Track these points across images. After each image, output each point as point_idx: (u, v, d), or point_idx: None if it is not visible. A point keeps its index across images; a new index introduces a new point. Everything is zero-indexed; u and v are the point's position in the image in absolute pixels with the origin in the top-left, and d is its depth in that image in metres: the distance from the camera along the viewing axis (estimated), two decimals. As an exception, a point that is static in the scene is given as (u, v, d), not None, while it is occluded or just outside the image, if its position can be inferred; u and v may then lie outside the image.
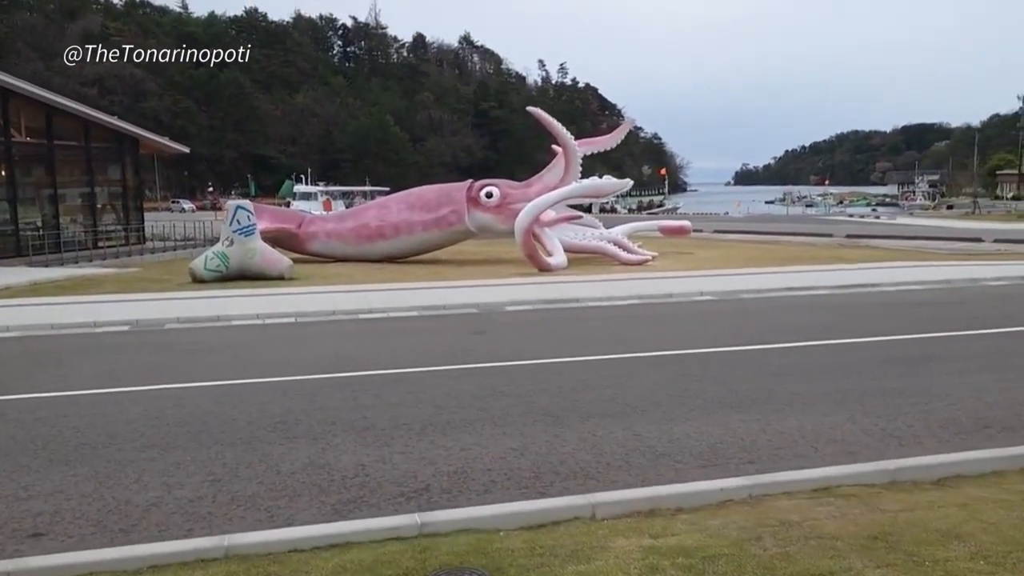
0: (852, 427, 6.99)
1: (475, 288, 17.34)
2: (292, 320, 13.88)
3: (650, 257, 22.73)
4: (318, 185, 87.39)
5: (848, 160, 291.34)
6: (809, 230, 41.39)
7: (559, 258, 21.49)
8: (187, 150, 33.29)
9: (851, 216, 69.46)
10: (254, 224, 19.91)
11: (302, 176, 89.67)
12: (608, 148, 24.08)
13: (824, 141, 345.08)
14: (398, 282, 18.75)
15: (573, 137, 22.30)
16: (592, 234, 23.62)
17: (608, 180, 21.21)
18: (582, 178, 22.44)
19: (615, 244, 23.10)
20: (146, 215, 46.59)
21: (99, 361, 10.43)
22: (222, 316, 13.92)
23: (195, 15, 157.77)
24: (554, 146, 25.68)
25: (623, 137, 23.95)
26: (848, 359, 9.81)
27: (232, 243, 19.57)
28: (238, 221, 19.61)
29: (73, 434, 7.12)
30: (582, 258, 23.63)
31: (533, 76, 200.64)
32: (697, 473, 5.88)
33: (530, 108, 22.02)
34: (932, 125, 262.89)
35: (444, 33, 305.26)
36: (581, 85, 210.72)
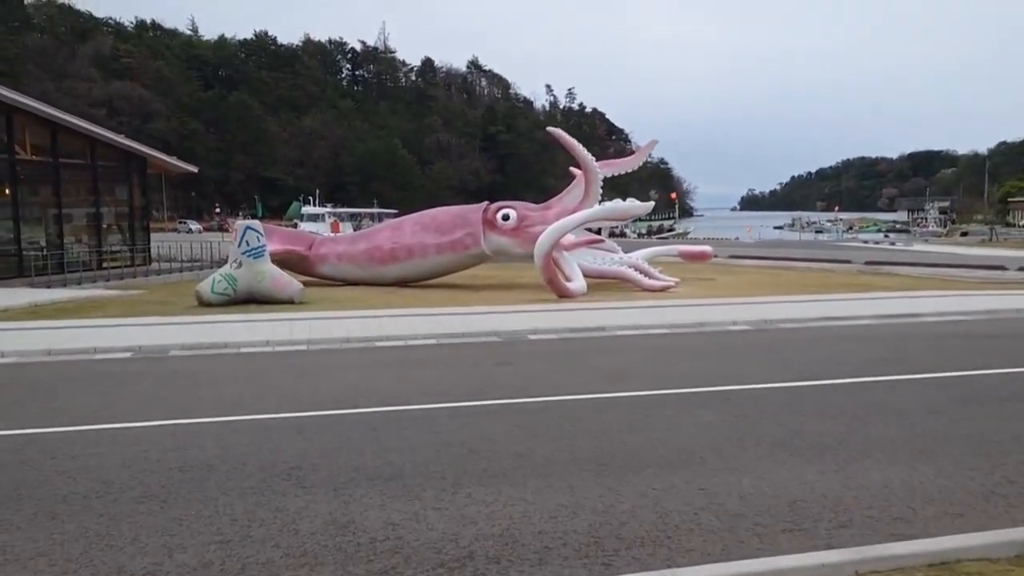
0: (947, 482, 6.13)
1: (494, 314, 16.54)
2: (304, 348, 13.08)
3: (673, 283, 21.93)
4: (326, 207, 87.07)
5: (855, 186, 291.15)
6: (826, 256, 40.64)
7: (579, 283, 20.70)
8: (195, 169, 32.70)
9: (866, 242, 68.73)
10: (264, 246, 19.17)
11: (310, 198, 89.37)
12: (631, 170, 23.38)
13: (830, 167, 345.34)
14: (413, 307, 17.97)
15: (593, 159, 21.58)
16: (611, 259, 22.85)
17: (632, 203, 20.46)
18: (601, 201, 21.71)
19: (635, 269, 22.31)
20: (153, 236, 46.17)
21: (96, 392, 9.62)
22: (229, 343, 13.13)
23: (205, 38, 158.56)
24: (572, 168, 25.03)
25: (645, 158, 23.24)
26: (918, 398, 8.95)
27: (241, 265, 18.82)
28: (247, 242, 18.88)
29: (62, 480, 6.30)
30: (600, 284, 22.86)
31: (541, 101, 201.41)
32: (784, 540, 5.03)
33: (550, 128, 21.34)
34: (939, 152, 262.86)
35: (452, 57, 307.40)
36: (589, 110, 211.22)
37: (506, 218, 22.16)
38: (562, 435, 7.45)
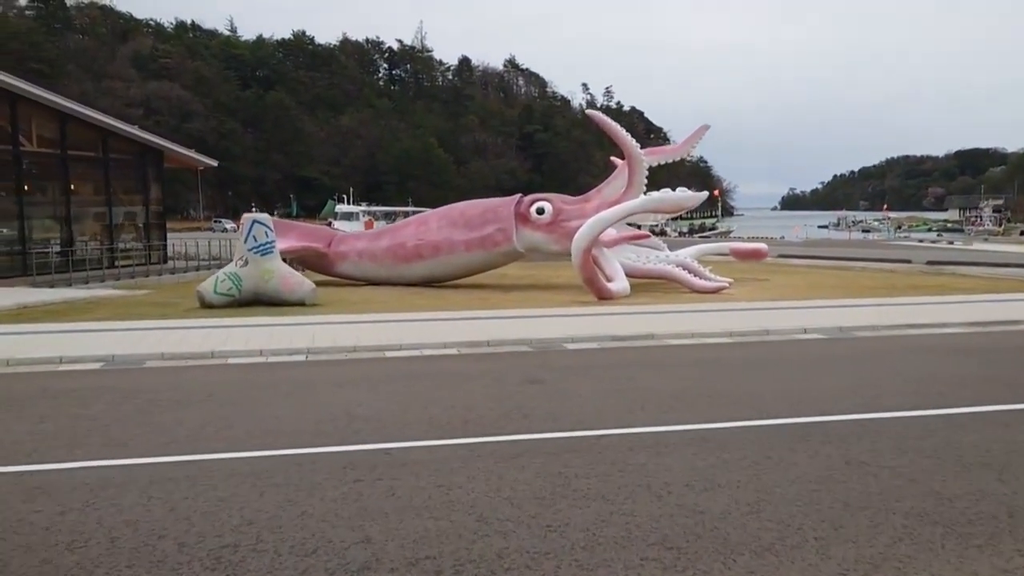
0: None
1: (526, 319, 14.53)
2: (302, 358, 11.22)
3: (727, 284, 19.70)
4: (360, 205, 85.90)
5: (899, 185, 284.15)
6: (882, 255, 38.06)
7: (621, 284, 18.61)
8: (215, 163, 31.17)
9: (921, 241, 65.56)
10: (273, 242, 17.39)
11: (343, 196, 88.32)
12: (681, 158, 21.20)
13: (873, 166, 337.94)
14: (435, 310, 16.05)
15: (638, 145, 19.44)
16: (657, 257, 20.70)
17: (683, 192, 18.29)
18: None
19: (684, 268, 20.13)
20: (186, 234, 45.05)
21: (31, 417, 7.82)
22: (217, 352, 11.31)
23: (243, 38, 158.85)
24: (613, 158, 22.94)
25: (697, 145, 21.07)
26: (1076, 438, 6.77)
27: (247, 263, 17.07)
28: (254, 238, 17.12)
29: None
30: (644, 285, 20.74)
31: (578, 99, 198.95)
32: None
33: (589, 111, 19.27)
34: (987, 150, 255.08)
35: (489, 56, 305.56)
36: (626, 108, 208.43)
37: (541, 211, 20.14)
38: (610, 493, 5.42)
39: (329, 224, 64.61)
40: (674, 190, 18.37)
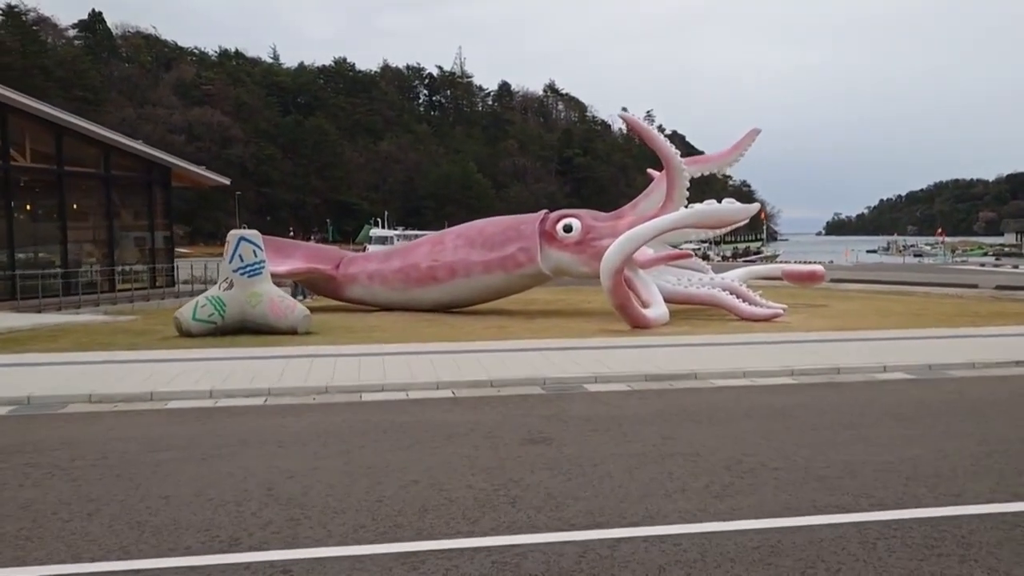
0: None
1: (542, 352, 12.21)
2: (260, 401, 9.07)
3: (781, 311, 17.14)
4: (396, 229, 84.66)
5: (948, 209, 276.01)
6: (944, 280, 35.00)
7: (659, 311, 16.20)
8: (227, 182, 29.53)
9: (983, 265, 61.81)
10: (261, 262, 15.37)
11: (378, 220, 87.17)
12: (727, 167, 18.75)
13: (921, 190, 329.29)
14: (441, 340, 13.83)
15: (678, 153, 17.09)
16: (700, 280, 18.22)
17: (730, 204, 15.90)
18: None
19: (731, 293, 17.63)
20: (220, 259, 43.25)
21: None
22: (157, 394, 9.21)
23: (285, 65, 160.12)
24: (650, 170, 20.61)
25: (746, 152, 18.63)
26: None
27: (232, 285, 15.06)
28: (240, 257, 15.11)
29: None
30: (685, 311, 18.29)
31: (618, 124, 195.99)
32: None
33: (623, 114, 17.00)
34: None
35: (529, 81, 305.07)
36: (668, 132, 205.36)
37: (568, 229, 17.85)
38: None
39: (364, 249, 63.14)
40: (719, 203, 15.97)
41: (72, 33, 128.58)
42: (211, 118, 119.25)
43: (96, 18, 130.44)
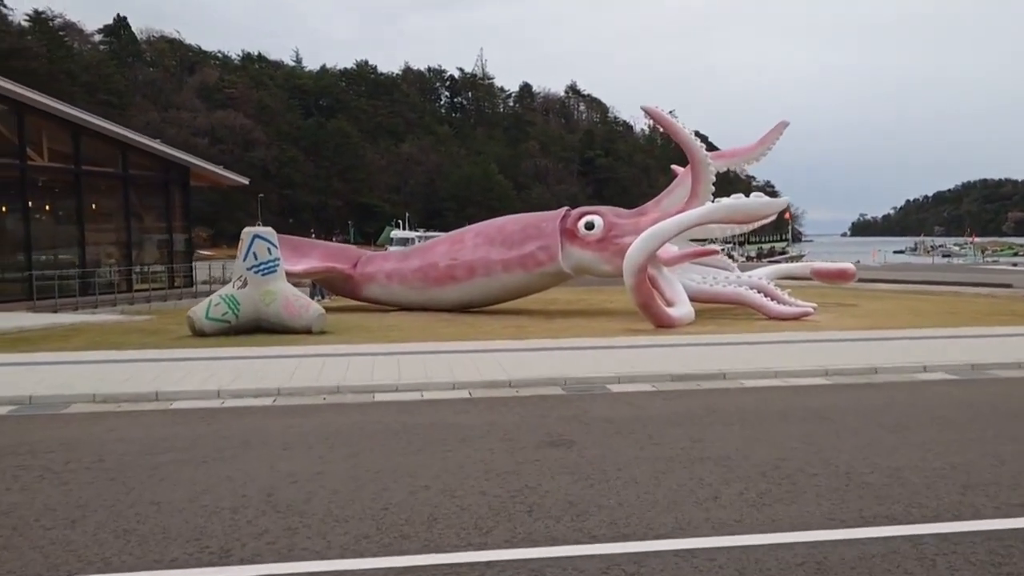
0: None
1: (564, 352, 11.77)
2: (269, 401, 8.71)
3: (811, 309, 16.56)
4: (417, 231, 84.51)
5: (977, 210, 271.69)
6: (974, 279, 34.13)
7: (683, 309, 15.69)
8: (246, 181, 29.32)
9: (1015, 265, 60.54)
10: (276, 260, 15.06)
11: (399, 222, 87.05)
12: (753, 162, 18.19)
13: (948, 190, 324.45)
14: (459, 340, 13.43)
15: (703, 147, 16.57)
16: (726, 278, 17.67)
17: (758, 198, 15.34)
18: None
19: (759, 291, 17.08)
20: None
21: None
22: (163, 393, 8.88)
23: (307, 68, 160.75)
24: (674, 166, 20.10)
25: (773, 146, 18.04)
26: None
27: (245, 284, 14.76)
28: (255, 255, 14.80)
29: None
30: (711, 310, 17.76)
31: (640, 124, 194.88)
32: None
33: (644, 105, 16.48)
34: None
35: (550, 82, 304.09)
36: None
37: (590, 227, 17.39)
38: None
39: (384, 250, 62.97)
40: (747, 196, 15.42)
41: (98, 38, 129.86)
42: (234, 121, 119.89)
43: (121, 23, 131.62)
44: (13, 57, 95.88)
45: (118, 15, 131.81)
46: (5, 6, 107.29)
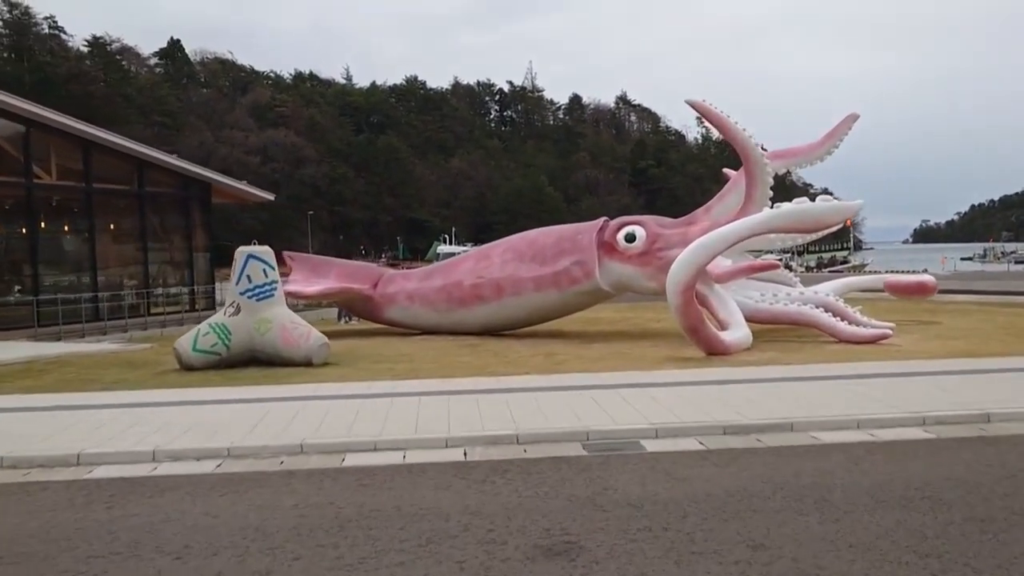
0: None
1: (592, 391, 9.74)
2: (213, 466, 6.97)
3: (889, 331, 14.22)
4: (464, 245, 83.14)
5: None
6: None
7: (739, 333, 13.52)
8: (271, 197, 28.04)
9: (1102, 272, 56.31)
10: (273, 283, 13.36)
11: (445, 236, 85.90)
12: (818, 160, 15.91)
13: (1016, 194, 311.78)
14: (471, 375, 11.52)
15: (759, 146, 14.45)
16: (788, 295, 15.42)
17: (825, 202, 13.16)
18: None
19: (826, 309, 14.79)
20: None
21: None
22: (86, 456, 7.18)
23: (358, 85, 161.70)
24: (726, 170, 17.96)
25: (841, 142, 15.79)
26: None
27: (238, 310, 13.10)
28: (248, 277, 13.13)
29: None
30: (770, 331, 15.53)
31: (693, 133, 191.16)
32: None
33: (689, 100, 14.42)
34: None
35: (600, 93, 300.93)
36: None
37: (631, 238, 15.35)
38: None
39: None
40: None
41: (153, 61, 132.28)
42: (285, 139, 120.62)
43: (175, 46, 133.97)
44: (72, 81, 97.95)
45: (172, 38, 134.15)
46: (66, 32, 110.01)
